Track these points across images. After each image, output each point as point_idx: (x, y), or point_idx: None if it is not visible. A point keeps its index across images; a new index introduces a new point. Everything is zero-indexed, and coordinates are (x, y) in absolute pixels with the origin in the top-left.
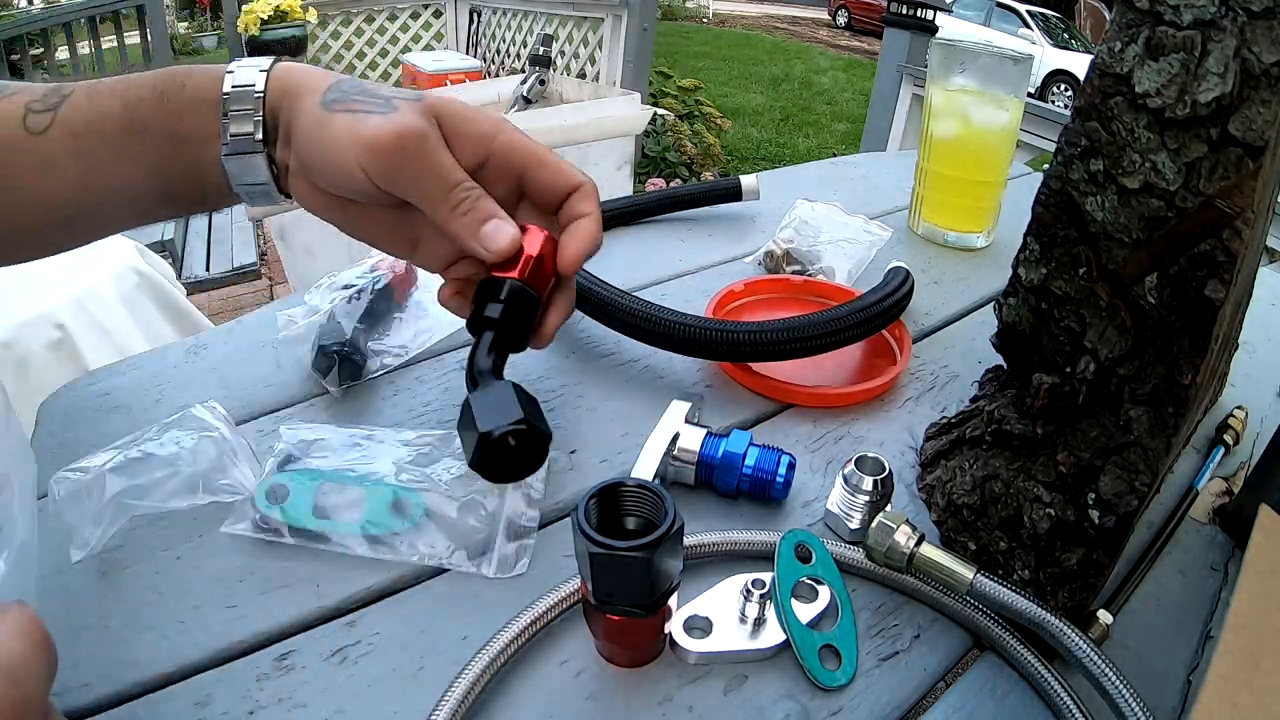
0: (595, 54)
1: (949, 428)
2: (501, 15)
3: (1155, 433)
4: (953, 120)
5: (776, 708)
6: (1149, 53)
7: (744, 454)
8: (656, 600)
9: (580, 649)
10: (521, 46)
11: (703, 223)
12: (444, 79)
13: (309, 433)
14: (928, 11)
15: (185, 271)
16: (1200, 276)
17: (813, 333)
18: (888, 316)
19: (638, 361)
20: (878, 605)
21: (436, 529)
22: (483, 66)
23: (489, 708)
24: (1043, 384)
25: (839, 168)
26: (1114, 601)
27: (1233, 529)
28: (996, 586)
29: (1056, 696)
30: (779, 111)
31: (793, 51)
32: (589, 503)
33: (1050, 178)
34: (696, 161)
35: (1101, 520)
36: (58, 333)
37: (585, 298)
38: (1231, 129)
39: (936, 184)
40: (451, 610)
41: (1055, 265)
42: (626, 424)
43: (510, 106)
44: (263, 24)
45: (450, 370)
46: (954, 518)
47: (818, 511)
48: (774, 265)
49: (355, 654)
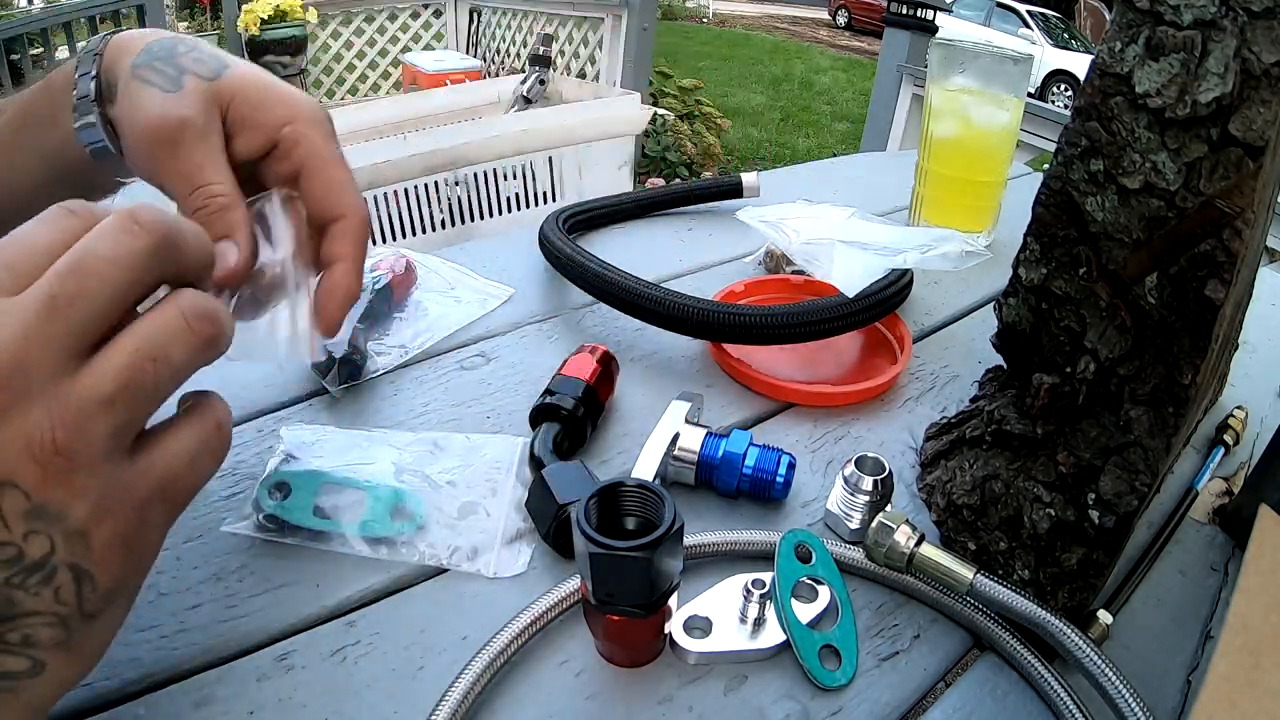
0: (595, 54)
1: (949, 428)
2: (501, 15)
3: (1155, 433)
4: (953, 120)
5: (776, 708)
6: (1149, 53)
7: (744, 454)
8: (656, 600)
9: (580, 649)
10: (521, 46)
11: (703, 222)
12: (444, 79)
13: (309, 433)
14: (928, 11)
15: None
16: (1200, 276)
17: (812, 318)
18: (886, 306)
19: (638, 361)
20: (878, 605)
21: (436, 529)
22: (483, 66)
23: (489, 708)
24: (1043, 384)
25: (839, 167)
26: (1114, 601)
27: (1233, 529)
28: (996, 586)
29: (1056, 696)
30: (779, 111)
31: (793, 51)
32: (589, 503)
33: (1050, 178)
34: (696, 161)
35: (1101, 520)
36: None
37: (602, 284)
38: (1232, 129)
39: (936, 184)
40: (451, 610)
41: (1055, 265)
42: (626, 424)
43: (510, 106)
44: (263, 24)
45: (450, 370)
46: (954, 518)
47: (818, 511)
48: (774, 265)
49: (355, 654)
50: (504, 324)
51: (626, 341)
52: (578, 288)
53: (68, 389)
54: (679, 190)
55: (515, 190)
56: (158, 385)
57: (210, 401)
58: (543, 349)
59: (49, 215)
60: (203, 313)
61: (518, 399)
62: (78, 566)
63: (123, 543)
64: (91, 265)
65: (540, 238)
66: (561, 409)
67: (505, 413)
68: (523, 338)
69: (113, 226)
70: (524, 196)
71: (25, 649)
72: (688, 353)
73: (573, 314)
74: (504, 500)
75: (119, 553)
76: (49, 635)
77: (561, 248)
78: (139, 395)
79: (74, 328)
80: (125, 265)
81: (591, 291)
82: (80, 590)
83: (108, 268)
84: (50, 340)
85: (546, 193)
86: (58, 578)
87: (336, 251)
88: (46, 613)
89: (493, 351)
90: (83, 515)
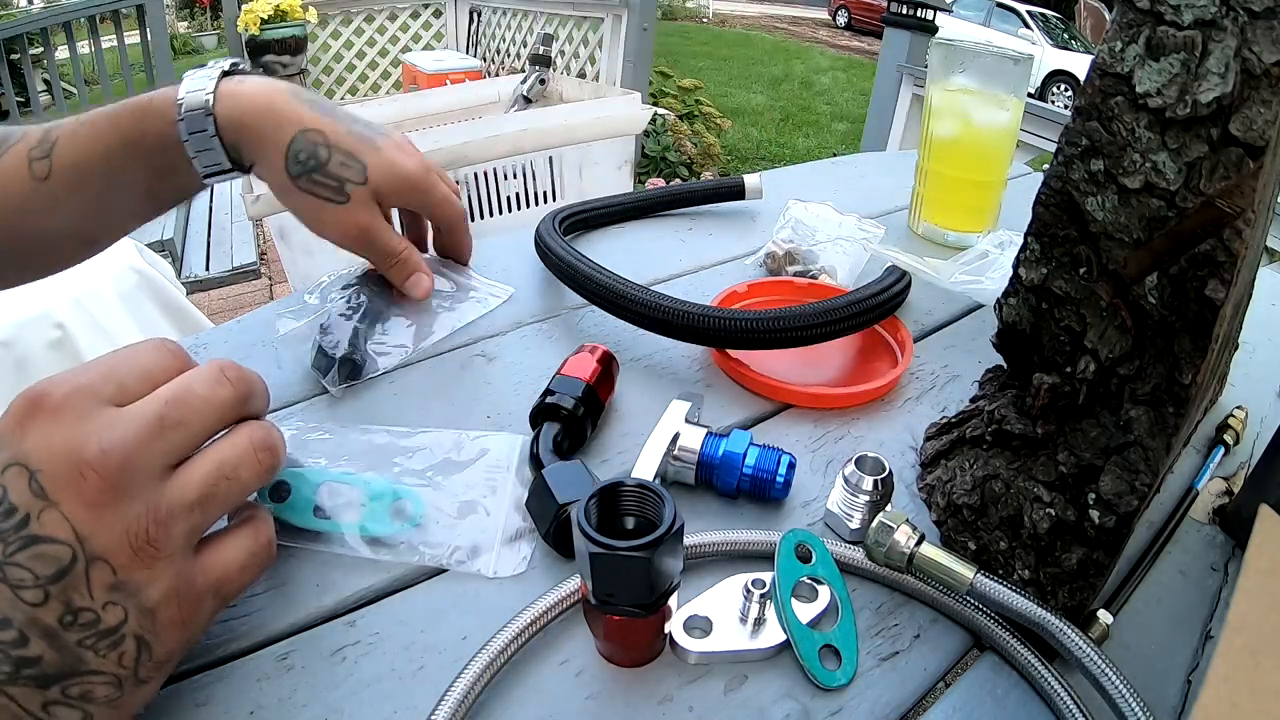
0: (595, 54)
1: (949, 428)
2: (501, 15)
3: (1155, 433)
4: (953, 120)
5: (776, 708)
6: (1149, 53)
7: (744, 454)
8: (656, 600)
9: (580, 649)
10: (521, 46)
11: (703, 222)
12: (444, 79)
13: (309, 433)
14: (928, 11)
15: (185, 271)
16: (1200, 276)
17: (807, 322)
18: (883, 310)
19: (638, 361)
20: (878, 605)
21: (436, 529)
22: (483, 66)
23: (489, 708)
24: (1043, 384)
25: (839, 167)
26: (1114, 601)
27: (1233, 529)
28: (996, 586)
29: (1056, 696)
30: (779, 111)
31: (793, 51)
32: (589, 503)
33: (1050, 178)
34: (696, 161)
35: (1101, 520)
36: (57, 332)
37: (591, 287)
38: (1232, 129)
39: (936, 184)
40: (451, 610)
41: (1055, 265)
42: (626, 424)
43: (510, 106)
44: (263, 23)
45: (450, 371)
46: (954, 518)
47: (818, 511)
48: (776, 266)
49: (355, 654)
50: (504, 324)
51: (626, 341)
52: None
53: (161, 492)
54: (680, 191)
55: (515, 190)
56: (228, 498)
57: (261, 517)
58: (543, 349)
59: (151, 347)
60: (266, 444)
61: (518, 399)
62: (142, 638)
63: (180, 623)
64: (191, 402)
65: (535, 239)
66: (561, 409)
67: (505, 413)
68: (523, 338)
69: (209, 376)
70: (524, 196)
71: (81, 703)
72: (688, 353)
73: (573, 314)
74: (504, 500)
75: (176, 631)
76: (105, 693)
77: (554, 249)
78: (213, 504)
79: (172, 446)
80: (215, 407)
81: (582, 293)
82: (139, 657)
83: (204, 406)
84: (155, 453)
85: (546, 193)
86: (124, 645)
87: (463, 243)
88: (108, 673)
89: (493, 351)
90: (155, 596)
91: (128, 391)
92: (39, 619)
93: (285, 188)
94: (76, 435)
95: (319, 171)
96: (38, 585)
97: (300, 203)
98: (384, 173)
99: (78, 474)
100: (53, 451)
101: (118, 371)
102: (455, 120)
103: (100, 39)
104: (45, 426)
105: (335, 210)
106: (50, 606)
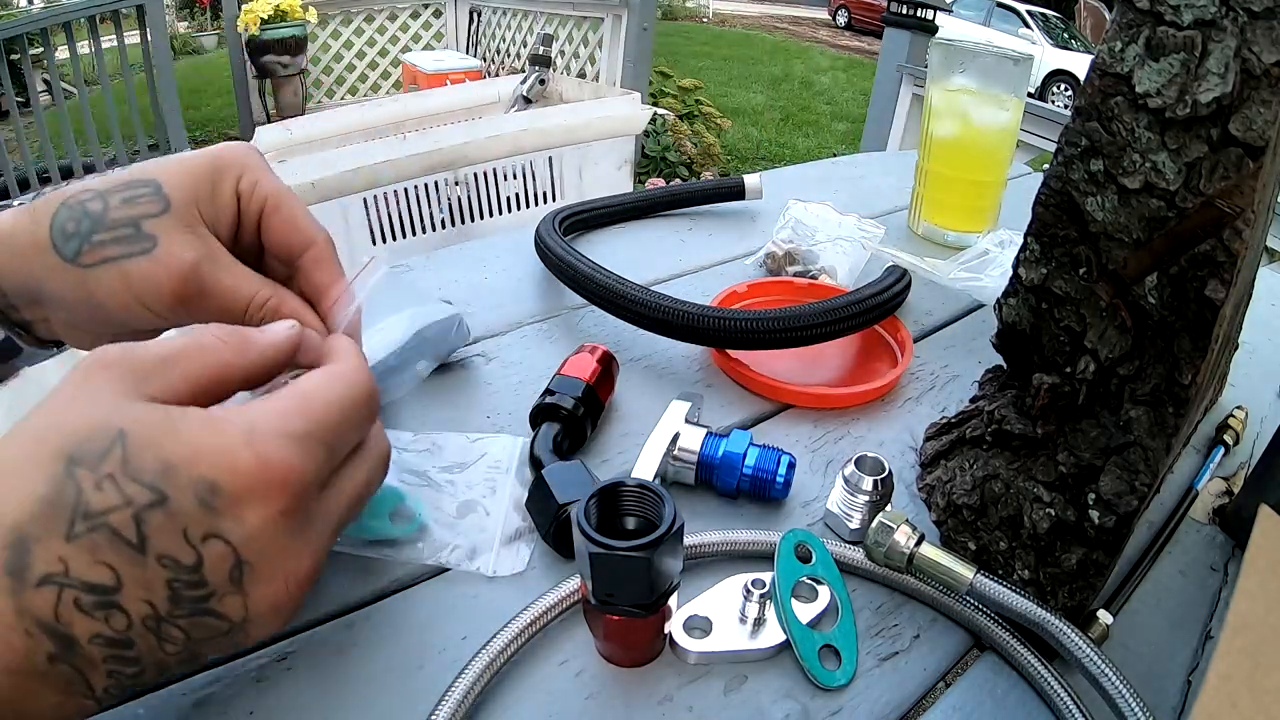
0: (595, 54)
1: (949, 428)
2: (501, 15)
3: (1155, 433)
4: (953, 120)
5: (776, 708)
6: (1149, 53)
7: (744, 454)
8: (656, 600)
9: (580, 649)
10: (521, 46)
11: (703, 222)
12: (444, 79)
13: None
14: (928, 11)
15: None
16: (1200, 276)
17: (807, 322)
18: (883, 310)
19: (638, 361)
20: (878, 605)
21: (436, 529)
22: (483, 66)
23: (489, 708)
24: (1043, 384)
25: (839, 167)
26: (1114, 601)
27: (1233, 529)
28: (996, 586)
29: (1056, 696)
30: (779, 111)
31: (793, 51)
32: (589, 503)
33: (1050, 178)
34: (696, 161)
35: (1101, 520)
36: None
37: (591, 287)
38: (1232, 129)
39: (936, 184)
40: (451, 610)
41: (1055, 265)
42: (626, 424)
43: (510, 106)
44: (263, 23)
45: (449, 370)
46: (954, 518)
47: (818, 511)
48: (775, 266)
49: (355, 654)
50: (504, 324)
51: (626, 341)
52: None
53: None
54: (680, 191)
55: (515, 190)
56: (367, 499)
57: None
58: (543, 349)
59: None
60: (387, 459)
61: (518, 399)
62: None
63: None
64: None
65: (535, 239)
66: (561, 409)
67: (505, 413)
68: (522, 338)
69: (358, 415)
70: (524, 196)
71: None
72: (688, 353)
73: (572, 314)
74: (504, 500)
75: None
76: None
77: (554, 249)
78: (359, 503)
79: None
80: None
81: (582, 293)
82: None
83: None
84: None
85: (546, 193)
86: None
87: (323, 280)
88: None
89: (493, 351)
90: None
91: (334, 453)
92: None
93: (75, 282)
94: (298, 547)
95: (100, 228)
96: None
97: (98, 287)
98: (185, 178)
99: (282, 582)
100: (267, 554)
101: (327, 438)
102: (455, 120)
103: (100, 39)
104: (270, 526)
105: (143, 264)
106: None
